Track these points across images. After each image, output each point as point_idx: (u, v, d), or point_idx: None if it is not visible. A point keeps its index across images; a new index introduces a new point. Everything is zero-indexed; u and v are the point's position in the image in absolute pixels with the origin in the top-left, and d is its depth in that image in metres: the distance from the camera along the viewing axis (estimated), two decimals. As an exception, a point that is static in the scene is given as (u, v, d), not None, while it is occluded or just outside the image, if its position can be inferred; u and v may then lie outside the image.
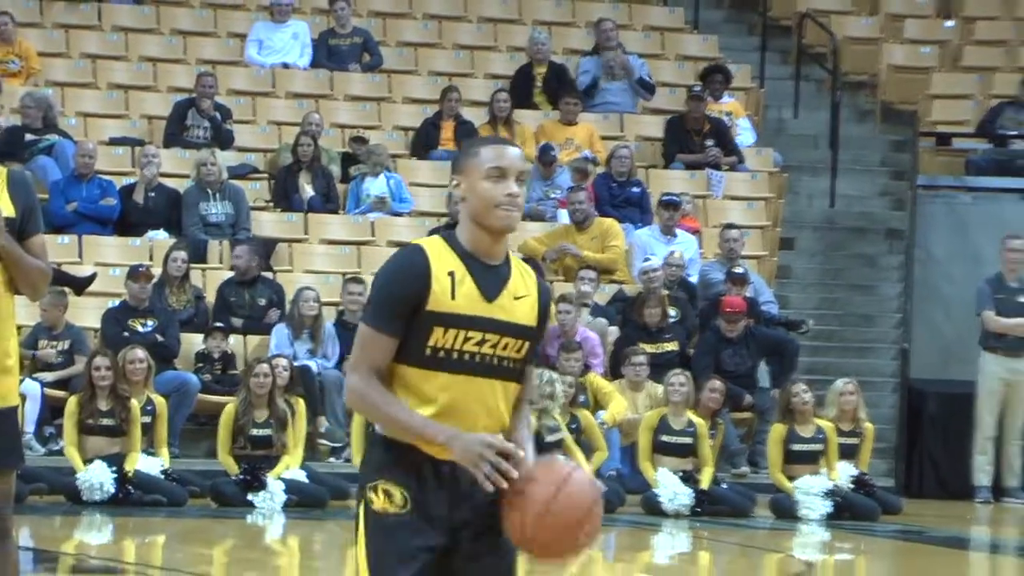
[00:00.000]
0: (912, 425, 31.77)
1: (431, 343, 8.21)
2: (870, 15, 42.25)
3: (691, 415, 26.67)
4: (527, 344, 8.34)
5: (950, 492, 30.63)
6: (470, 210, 8.42)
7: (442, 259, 8.39)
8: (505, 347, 8.37)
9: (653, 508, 26.80)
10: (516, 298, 8.43)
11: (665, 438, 26.90)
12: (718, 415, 27.69)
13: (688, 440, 26.85)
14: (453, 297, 8.30)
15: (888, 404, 32.18)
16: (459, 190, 8.42)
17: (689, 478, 26.34)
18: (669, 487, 26.91)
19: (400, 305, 8.25)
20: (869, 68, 40.46)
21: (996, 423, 30.53)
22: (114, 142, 35.06)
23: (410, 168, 34.82)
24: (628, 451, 28.66)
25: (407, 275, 8.43)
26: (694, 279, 32.25)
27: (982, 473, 30.67)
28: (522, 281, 8.50)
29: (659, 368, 28.42)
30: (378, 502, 8.29)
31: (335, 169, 34.20)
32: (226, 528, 26.37)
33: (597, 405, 28.80)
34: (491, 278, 8.39)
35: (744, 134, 36.36)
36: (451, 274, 8.36)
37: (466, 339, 8.32)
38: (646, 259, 31.06)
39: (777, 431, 27.29)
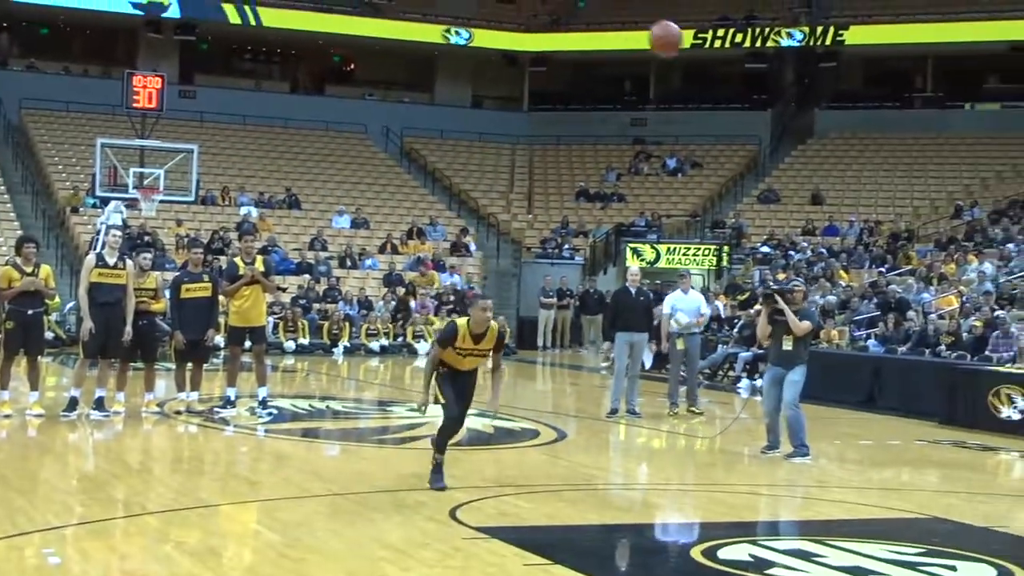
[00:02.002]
0: (521, 329, 30.64)
1: (455, 349, 9.85)
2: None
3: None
4: (488, 353, 10.10)
5: (532, 347, 29.79)
6: (471, 316, 9.96)
7: (463, 328, 9.85)
8: (478, 355, 9.99)
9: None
10: (484, 340, 9.90)
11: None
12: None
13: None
14: (464, 343, 9.83)
15: (513, 323, 30.29)
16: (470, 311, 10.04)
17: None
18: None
19: (449, 343, 9.81)
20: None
21: (545, 326, 30.35)
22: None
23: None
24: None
25: (452, 333, 9.88)
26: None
27: (543, 339, 30.33)
28: (488, 332, 9.95)
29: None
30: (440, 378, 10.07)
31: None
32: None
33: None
34: (477, 335, 9.85)
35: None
36: (464, 336, 9.82)
37: (467, 353, 9.96)
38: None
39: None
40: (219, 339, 18.22)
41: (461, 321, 10.03)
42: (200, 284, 14.68)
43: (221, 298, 15.11)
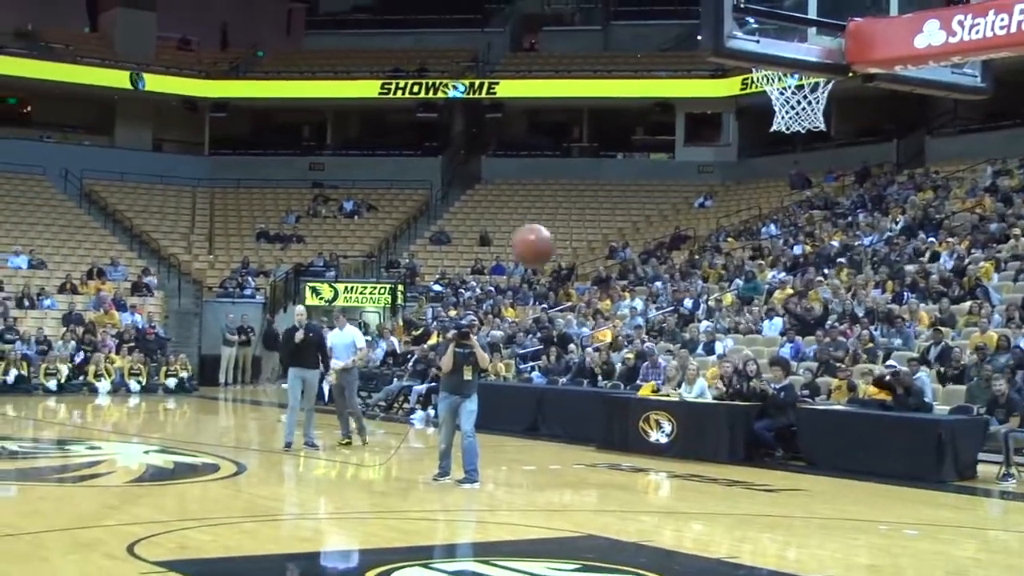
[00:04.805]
0: (203, 366, 30.10)
1: None
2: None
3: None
4: None
5: (214, 384, 29.17)
6: None
7: None
8: None
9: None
10: None
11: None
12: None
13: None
14: None
15: (196, 360, 30.11)
16: None
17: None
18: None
19: None
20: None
21: (227, 363, 29.94)
22: None
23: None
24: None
25: None
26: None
27: (224, 375, 29.77)
28: None
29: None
30: None
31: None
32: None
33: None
34: None
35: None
36: None
37: None
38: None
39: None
40: None
41: None
42: None
43: None
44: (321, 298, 32.09)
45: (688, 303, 25.48)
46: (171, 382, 28.03)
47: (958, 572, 9.53)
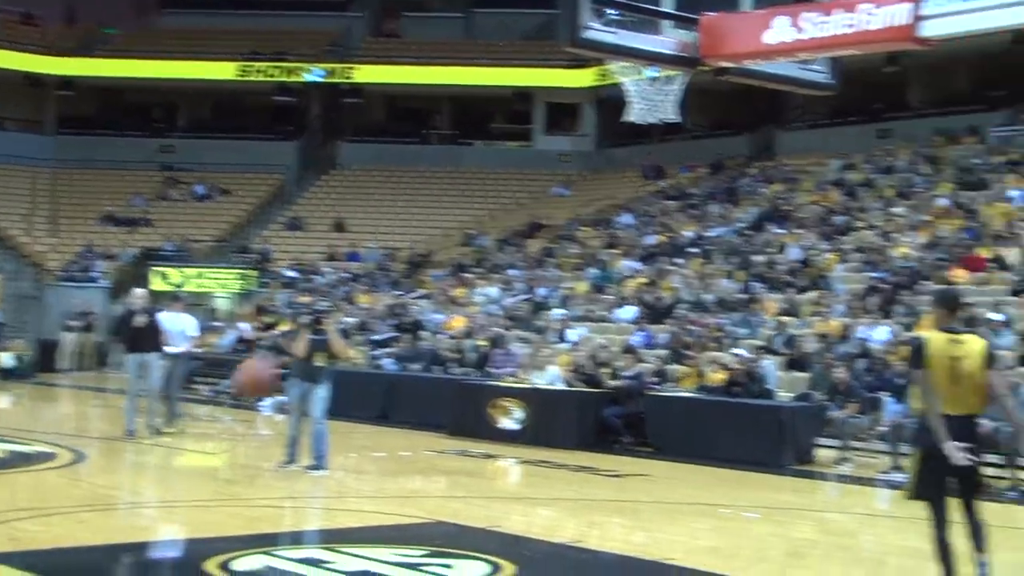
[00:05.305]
0: (43, 352, 29.41)
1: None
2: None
3: None
4: None
5: (52, 370, 28.71)
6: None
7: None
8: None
9: None
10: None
11: None
12: None
13: None
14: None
15: (35, 346, 29.38)
16: None
17: None
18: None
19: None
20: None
21: (70, 349, 29.79)
22: None
23: None
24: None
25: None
26: None
27: (67, 361, 29.40)
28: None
29: None
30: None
31: None
32: None
33: None
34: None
35: None
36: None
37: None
38: None
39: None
40: None
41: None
42: None
43: None
44: (169, 283, 31.40)
45: (543, 291, 25.65)
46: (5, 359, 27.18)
47: (795, 553, 9.76)
